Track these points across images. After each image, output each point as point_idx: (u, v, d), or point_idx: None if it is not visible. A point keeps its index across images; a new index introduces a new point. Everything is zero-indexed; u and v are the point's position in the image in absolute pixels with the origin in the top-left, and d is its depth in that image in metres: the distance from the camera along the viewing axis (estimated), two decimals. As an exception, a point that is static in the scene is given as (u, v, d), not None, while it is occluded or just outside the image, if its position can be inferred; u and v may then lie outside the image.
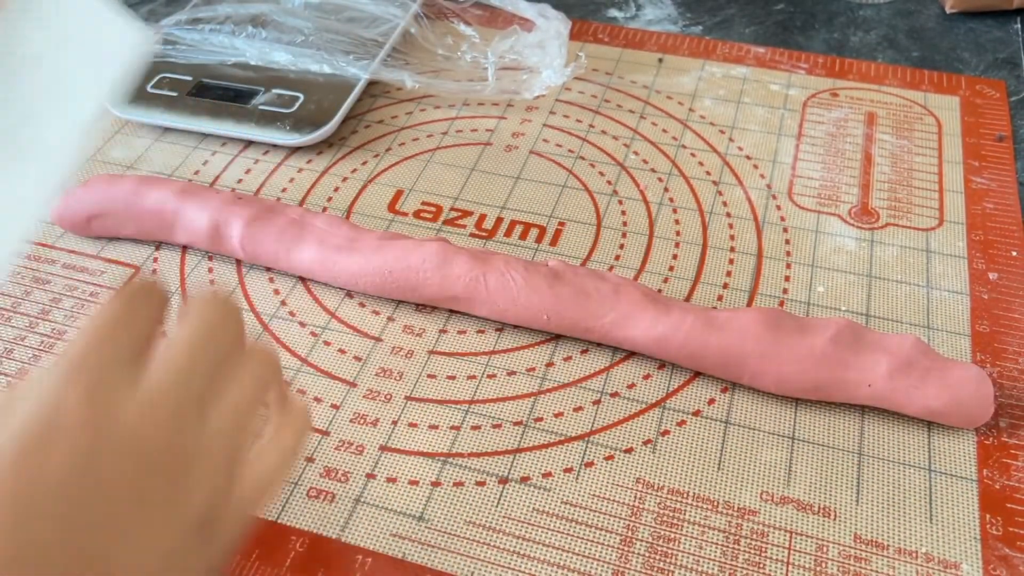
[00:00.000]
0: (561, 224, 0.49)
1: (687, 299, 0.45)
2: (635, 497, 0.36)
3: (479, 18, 0.65)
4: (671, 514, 0.36)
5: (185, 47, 0.59)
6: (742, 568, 0.34)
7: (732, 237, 0.48)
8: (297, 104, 0.55)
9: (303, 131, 0.53)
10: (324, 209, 0.51)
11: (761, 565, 0.34)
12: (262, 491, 0.27)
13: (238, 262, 0.47)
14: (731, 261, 0.47)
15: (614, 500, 0.36)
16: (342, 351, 0.43)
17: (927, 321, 0.43)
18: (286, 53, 0.57)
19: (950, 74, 0.59)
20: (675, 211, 0.50)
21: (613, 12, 0.67)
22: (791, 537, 0.35)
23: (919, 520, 0.35)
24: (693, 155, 0.54)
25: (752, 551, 0.35)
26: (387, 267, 0.43)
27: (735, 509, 0.36)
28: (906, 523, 0.35)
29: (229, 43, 0.58)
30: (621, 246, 0.48)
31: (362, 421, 0.40)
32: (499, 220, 0.49)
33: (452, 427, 0.39)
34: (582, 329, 0.41)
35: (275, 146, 0.55)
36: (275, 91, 0.55)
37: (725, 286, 0.45)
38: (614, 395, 0.40)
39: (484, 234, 0.49)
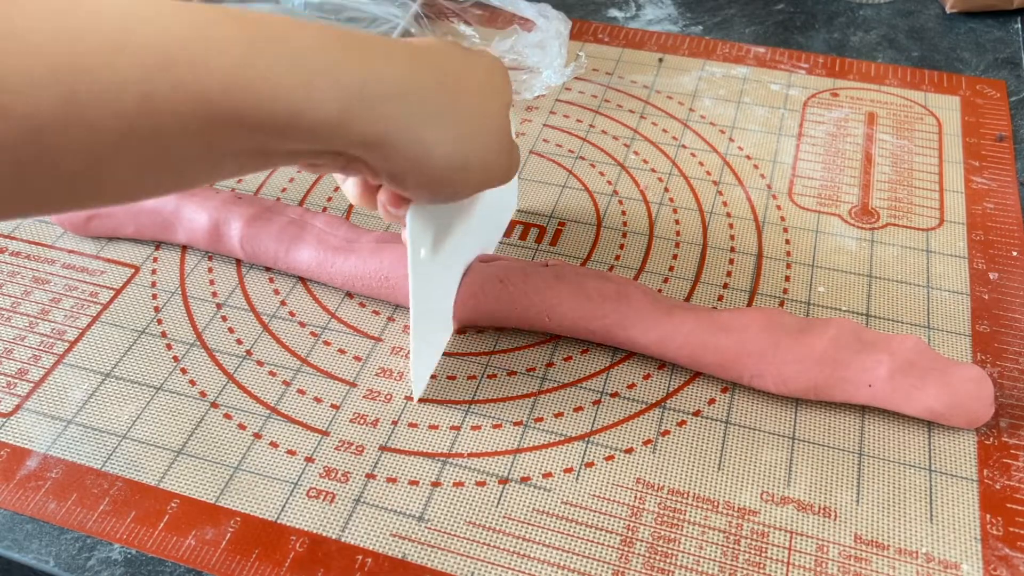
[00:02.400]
0: (561, 224, 0.49)
1: (687, 299, 0.45)
2: (635, 497, 0.36)
3: (479, 18, 0.65)
4: (671, 514, 0.36)
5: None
6: (742, 568, 0.34)
7: (732, 237, 0.48)
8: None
9: None
10: (324, 209, 0.51)
11: (761, 565, 0.34)
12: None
13: (238, 262, 0.47)
14: (731, 261, 0.47)
15: (614, 500, 0.36)
16: (342, 351, 0.43)
17: (927, 321, 0.43)
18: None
19: (950, 74, 0.59)
20: (675, 211, 0.50)
21: (613, 12, 0.67)
22: (791, 537, 0.35)
23: (919, 520, 0.35)
24: (693, 155, 0.54)
25: (752, 551, 0.35)
26: (383, 272, 0.42)
27: (735, 509, 0.36)
28: (906, 523, 0.35)
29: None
30: (621, 246, 0.48)
31: (362, 421, 0.40)
32: (499, 220, 0.49)
33: (452, 427, 0.39)
34: (583, 329, 0.41)
35: (275, 146, 0.55)
36: None
37: (725, 286, 0.45)
38: (614, 395, 0.40)
39: (484, 234, 0.49)
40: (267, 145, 0.26)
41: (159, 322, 0.44)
